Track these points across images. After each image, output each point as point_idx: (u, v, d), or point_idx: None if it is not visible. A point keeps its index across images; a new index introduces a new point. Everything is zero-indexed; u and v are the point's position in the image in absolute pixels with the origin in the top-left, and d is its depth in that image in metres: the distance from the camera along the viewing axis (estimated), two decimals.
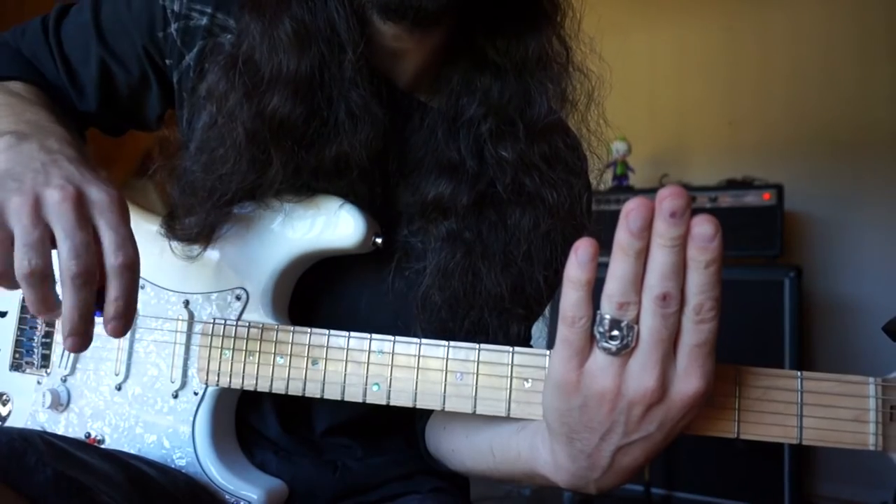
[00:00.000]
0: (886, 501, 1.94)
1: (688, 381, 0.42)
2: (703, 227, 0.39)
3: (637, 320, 0.41)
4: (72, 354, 0.72)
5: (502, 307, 0.65)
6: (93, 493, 0.53)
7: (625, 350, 0.42)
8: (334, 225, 0.64)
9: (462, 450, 0.67)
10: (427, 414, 0.73)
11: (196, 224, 0.65)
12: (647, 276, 0.40)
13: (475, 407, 0.56)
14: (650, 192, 2.26)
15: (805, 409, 0.48)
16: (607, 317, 0.42)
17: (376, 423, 0.77)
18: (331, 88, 0.62)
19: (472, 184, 0.66)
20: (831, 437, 0.47)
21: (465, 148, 0.67)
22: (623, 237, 0.40)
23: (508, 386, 0.55)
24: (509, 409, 0.55)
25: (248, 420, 0.73)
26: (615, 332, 0.42)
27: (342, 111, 0.62)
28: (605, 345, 0.42)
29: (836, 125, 2.49)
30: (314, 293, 0.70)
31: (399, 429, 0.77)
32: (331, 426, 0.74)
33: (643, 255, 0.40)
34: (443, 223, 0.66)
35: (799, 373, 0.48)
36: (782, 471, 1.96)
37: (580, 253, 0.41)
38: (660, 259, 0.40)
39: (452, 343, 0.57)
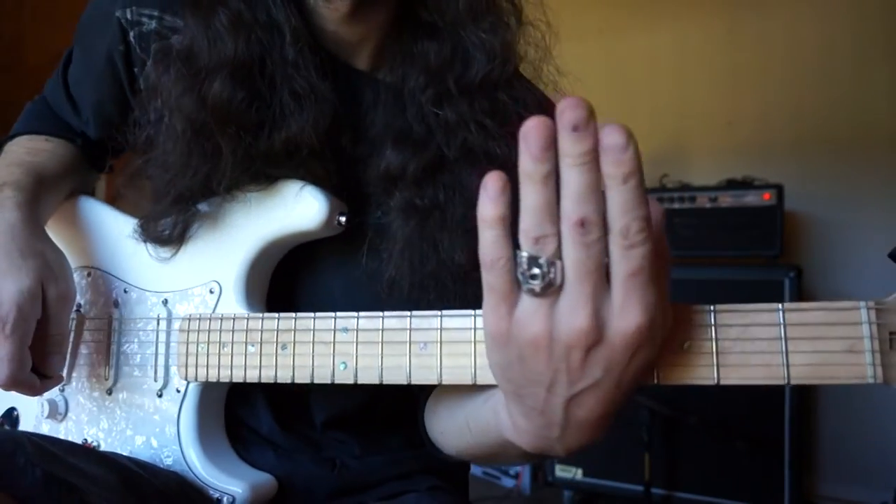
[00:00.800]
0: (886, 501, 1.76)
1: (625, 316, 0.35)
2: (612, 136, 0.32)
3: (559, 255, 0.35)
4: (67, 364, 0.70)
5: (468, 274, 0.60)
6: (83, 493, 0.50)
7: (550, 289, 0.35)
8: (296, 208, 0.60)
9: (448, 430, 0.61)
10: (426, 402, 0.67)
11: (168, 225, 0.63)
12: (561, 203, 0.34)
13: (441, 376, 0.50)
14: (650, 192, 2.15)
15: (790, 345, 0.40)
16: (524, 255, 0.36)
17: (376, 419, 0.71)
18: (273, 73, 0.59)
19: (421, 150, 0.61)
20: (823, 373, 0.39)
21: (412, 116, 0.62)
22: (526, 163, 0.34)
23: (473, 351, 0.49)
24: (475, 376, 0.49)
25: (242, 418, 0.69)
26: (535, 271, 0.35)
27: (286, 94, 0.59)
28: (528, 286, 0.36)
29: (836, 125, 2.34)
30: (292, 282, 0.67)
31: (399, 427, 0.72)
32: (330, 417, 0.69)
33: (552, 180, 0.34)
34: (396, 193, 0.61)
35: (780, 305, 0.41)
36: (782, 471, 1.82)
37: (489, 187, 0.35)
38: (571, 181, 0.34)
39: (415, 313, 0.52)
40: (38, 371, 0.62)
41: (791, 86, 2.40)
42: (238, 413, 0.69)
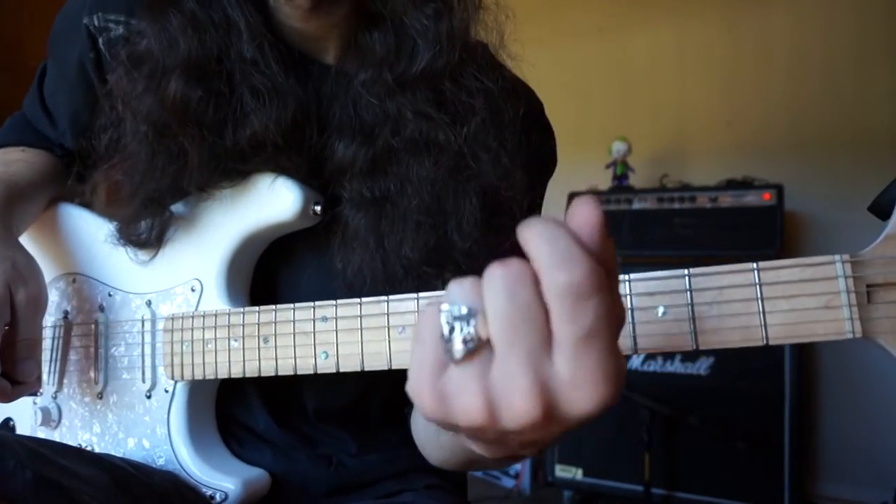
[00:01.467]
0: (886, 501, 1.72)
1: (581, 392, 0.26)
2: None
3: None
4: (57, 371, 0.67)
5: (417, 267, 0.57)
6: (74, 493, 0.48)
7: (471, 345, 0.27)
8: (271, 200, 0.58)
9: (426, 446, 0.59)
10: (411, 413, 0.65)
11: (144, 229, 0.61)
12: None
13: None
14: (650, 192, 2.10)
15: (767, 305, 0.38)
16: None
17: (372, 415, 0.69)
18: (232, 71, 0.57)
19: (369, 142, 0.59)
20: (801, 332, 0.37)
21: (362, 108, 0.60)
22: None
23: None
24: None
25: (237, 416, 0.66)
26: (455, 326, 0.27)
27: (245, 91, 0.57)
28: (448, 346, 0.28)
29: (837, 125, 2.26)
30: (274, 276, 0.64)
31: (396, 425, 0.69)
32: (323, 408, 0.66)
33: None
34: (347, 185, 0.59)
35: (754, 264, 0.38)
36: (782, 471, 1.76)
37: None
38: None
39: (392, 297, 0.49)
40: (10, 377, 0.59)
41: (791, 85, 2.33)
42: (233, 411, 0.66)
